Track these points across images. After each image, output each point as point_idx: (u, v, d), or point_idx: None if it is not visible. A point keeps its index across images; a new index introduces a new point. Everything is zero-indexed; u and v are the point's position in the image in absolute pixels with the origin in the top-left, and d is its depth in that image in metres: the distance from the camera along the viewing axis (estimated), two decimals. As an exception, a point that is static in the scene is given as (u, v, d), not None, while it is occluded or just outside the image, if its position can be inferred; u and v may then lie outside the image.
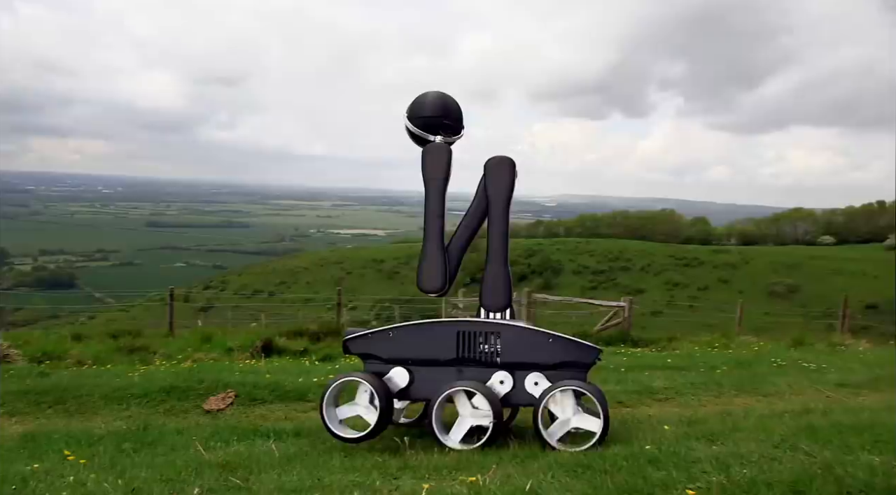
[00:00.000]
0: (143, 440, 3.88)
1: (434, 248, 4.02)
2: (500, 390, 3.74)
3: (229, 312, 40.29)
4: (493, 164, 4.08)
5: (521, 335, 3.80)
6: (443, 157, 4.08)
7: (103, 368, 6.95)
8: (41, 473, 3.03)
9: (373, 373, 3.79)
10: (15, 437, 3.91)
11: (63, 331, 17.14)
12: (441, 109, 4.09)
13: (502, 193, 4.06)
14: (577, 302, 21.09)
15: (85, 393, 4.92)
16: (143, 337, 13.76)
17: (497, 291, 4.03)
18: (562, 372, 3.71)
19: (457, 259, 4.17)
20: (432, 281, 4.02)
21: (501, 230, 4.14)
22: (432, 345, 3.77)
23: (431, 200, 4.07)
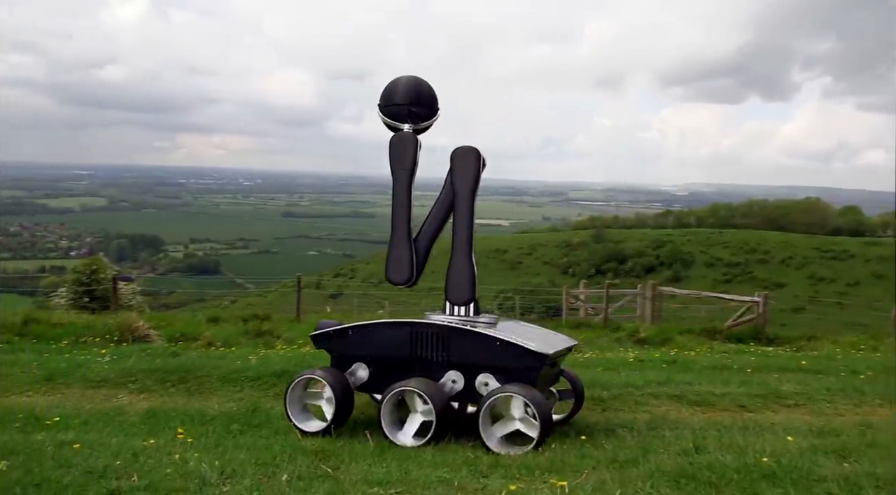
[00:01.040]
0: (251, 422, 4.02)
1: (401, 240, 4.00)
2: (452, 388, 3.72)
3: (355, 299, 41.74)
4: (458, 155, 4.00)
5: (470, 338, 3.69)
6: (409, 147, 4.02)
7: (228, 350, 7.34)
8: (152, 449, 3.20)
9: (337, 368, 3.84)
10: (140, 413, 4.18)
11: (203, 313, 18.40)
12: (410, 97, 4.00)
13: (467, 184, 3.98)
14: (706, 296, 19.99)
15: (205, 374, 5.20)
16: (271, 321, 14.48)
17: (461, 285, 3.97)
18: (511, 375, 3.60)
19: (425, 250, 4.09)
20: (400, 272, 4.03)
21: (466, 222, 4.02)
22: (387, 344, 3.80)
23: (398, 191, 4.04)
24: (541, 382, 3.78)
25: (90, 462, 2.89)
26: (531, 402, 3.40)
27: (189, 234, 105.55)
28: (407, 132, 4.05)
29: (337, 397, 3.72)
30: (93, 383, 5.04)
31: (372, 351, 3.89)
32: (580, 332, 13.99)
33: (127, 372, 5.29)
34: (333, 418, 3.73)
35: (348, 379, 3.86)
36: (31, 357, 5.94)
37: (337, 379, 3.78)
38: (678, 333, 14.65)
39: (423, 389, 3.55)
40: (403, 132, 4.05)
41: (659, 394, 4.94)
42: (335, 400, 3.72)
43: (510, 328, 3.99)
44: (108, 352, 6.58)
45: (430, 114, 4.11)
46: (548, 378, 3.97)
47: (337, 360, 3.98)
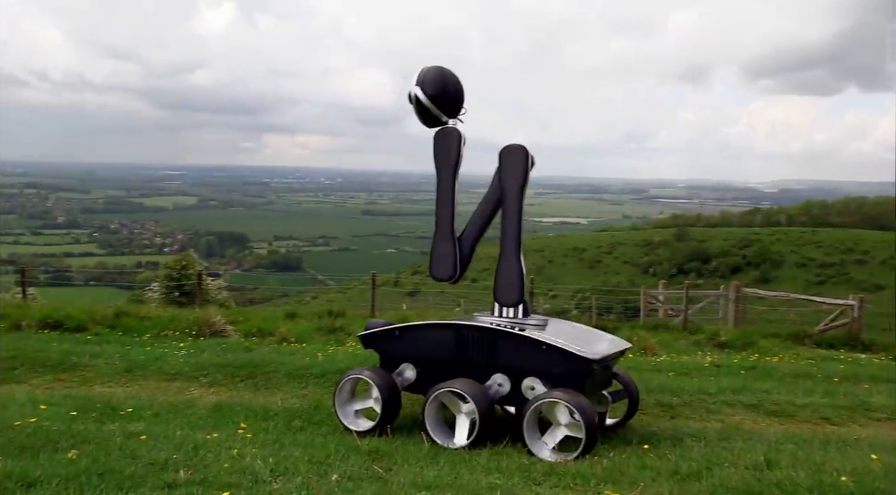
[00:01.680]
0: (312, 419, 4.07)
1: (445, 236, 3.92)
2: (497, 391, 3.64)
3: (431, 298, 41.89)
4: (505, 153, 3.88)
5: (515, 341, 3.60)
6: (454, 143, 3.93)
7: (299, 347, 7.49)
8: (213, 443, 3.28)
9: (385, 368, 3.82)
10: (207, 406, 4.31)
11: (282, 309, 18.94)
12: (446, 89, 3.90)
13: (516, 183, 3.87)
14: (795, 298, 19.02)
15: (272, 370, 5.32)
16: (344, 318, 14.73)
17: (510, 286, 3.86)
18: (558, 379, 3.50)
19: (470, 247, 3.99)
20: (444, 269, 3.94)
21: (515, 221, 3.90)
22: (434, 345, 3.77)
23: (442, 187, 3.98)
24: (590, 386, 3.67)
25: (153, 454, 2.99)
26: (576, 408, 3.29)
27: (273, 232, 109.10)
28: (450, 127, 4.02)
29: (384, 397, 3.71)
30: (168, 376, 5.24)
31: (419, 352, 3.87)
32: (656, 334, 13.59)
33: (200, 366, 5.47)
34: (381, 418, 3.73)
35: (396, 379, 3.85)
36: (116, 349, 6.24)
37: (384, 379, 3.77)
38: (762, 337, 14.02)
39: (465, 391, 3.50)
40: (448, 127, 4.02)
41: (733, 403, 4.70)
42: (382, 400, 3.71)
43: (559, 330, 3.88)
44: (186, 346, 6.84)
45: (461, 104, 4.08)
46: (599, 381, 3.85)
47: (385, 361, 3.98)
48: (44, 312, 10.45)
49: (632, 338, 11.66)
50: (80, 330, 9.51)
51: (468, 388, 3.52)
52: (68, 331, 9.42)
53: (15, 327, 9.51)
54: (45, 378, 5.20)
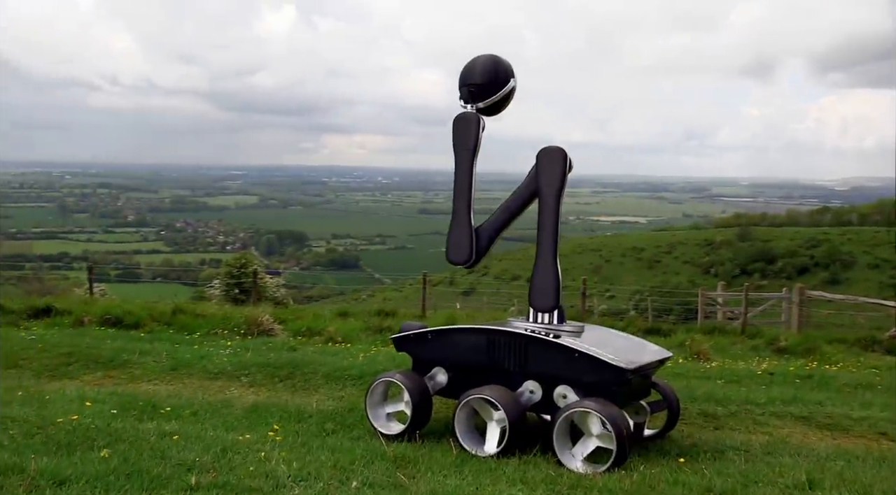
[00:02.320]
0: (345, 421, 4.08)
1: (462, 220, 3.87)
2: (529, 399, 3.56)
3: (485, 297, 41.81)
4: (543, 155, 3.78)
5: (547, 348, 3.50)
6: (472, 128, 3.89)
7: (344, 347, 7.55)
8: (243, 445, 3.31)
9: (417, 371, 3.82)
10: (245, 407, 4.37)
11: (335, 307, 19.17)
12: (468, 76, 3.90)
13: (553, 186, 3.76)
14: (864, 301, 18.20)
15: (311, 370, 5.36)
16: (394, 318, 14.82)
17: (545, 292, 3.75)
18: (591, 388, 3.39)
19: (488, 237, 3.93)
20: (459, 253, 3.89)
21: (552, 225, 3.78)
22: (466, 350, 3.72)
23: (460, 171, 3.96)
24: (626, 396, 3.55)
25: (183, 455, 3.03)
26: (608, 419, 3.18)
27: (331, 230, 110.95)
28: (469, 112, 3.99)
29: (414, 401, 3.68)
30: (211, 374, 5.34)
31: (451, 356, 3.83)
32: (712, 338, 13.21)
33: (242, 365, 5.56)
34: (411, 422, 3.70)
35: (427, 383, 3.81)
36: (165, 347, 6.41)
37: (415, 383, 3.74)
38: (826, 342, 13.47)
39: (496, 398, 3.43)
40: (466, 112, 4.00)
41: (783, 414, 4.49)
42: (412, 404, 3.68)
43: (595, 338, 3.77)
44: (233, 345, 6.98)
45: (493, 90, 4.03)
46: (636, 391, 3.73)
47: (417, 364, 3.96)
48: (105, 308, 10.85)
49: (685, 342, 11.34)
50: (138, 326, 9.84)
51: (499, 395, 3.46)
52: (126, 327, 9.76)
53: (78, 323, 9.91)
54: (97, 374, 5.38)
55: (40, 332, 7.54)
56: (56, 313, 11.50)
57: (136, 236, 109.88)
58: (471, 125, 3.98)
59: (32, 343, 6.23)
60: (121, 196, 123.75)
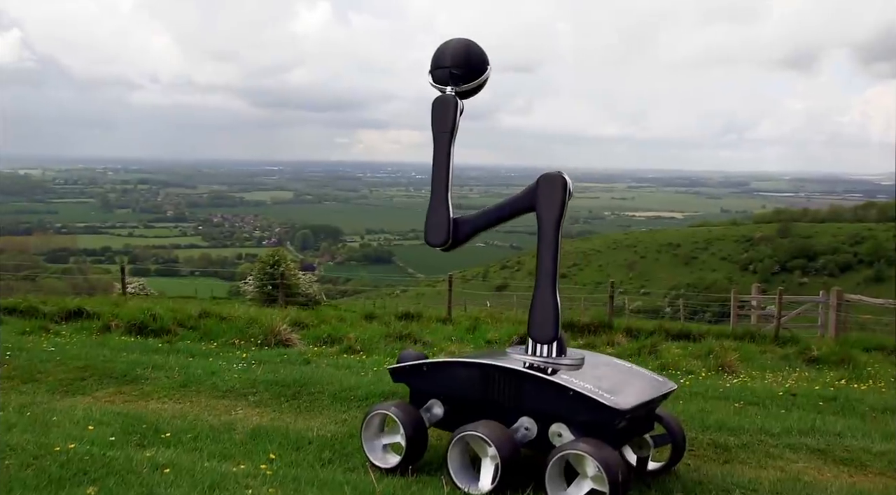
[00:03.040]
0: (343, 450, 4.03)
1: (440, 202, 3.84)
2: (524, 435, 3.46)
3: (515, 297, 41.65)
4: (543, 182, 3.68)
5: (541, 385, 3.40)
6: (450, 110, 3.89)
7: (359, 359, 7.53)
8: (232, 479, 3.29)
9: (414, 403, 3.79)
10: (246, 431, 4.35)
11: (361, 308, 19.25)
12: (453, 60, 3.87)
13: (553, 215, 3.67)
14: (906, 306, 17.62)
15: (318, 390, 5.33)
16: (418, 322, 14.81)
17: (544, 323, 3.66)
18: (586, 427, 3.29)
19: (469, 229, 3.95)
20: (437, 235, 3.86)
21: (551, 254, 3.68)
22: (461, 384, 3.66)
23: (438, 153, 3.94)
24: (624, 434, 3.44)
25: (170, 491, 3.03)
26: (601, 463, 3.07)
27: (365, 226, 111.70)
28: (448, 94, 3.97)
29: (408, 434, 3.62)
30: (220, 393, 5.35)
31: (446, 389, 3.76)
32: (743, 344, 12.93)
33: (251, 383, 5.57)
34: (405, 456, 3.65)
35: (423, 415, 3.75)
36: (179, 361, 6.46)
37: (409, 415, 3.68)
38: (862, 350, 13.09)
39: (489, 435, 3.34)
40: (445, 94, 3.98)
41: (798, 446, 4.31)
42: (406, 437, 3.62)
43: (595, 372, 3.65)
44: (248, 357, 7.01)
45: (474, 76, 4.03)
46: (637, 426, 3.61)
47: (414, 395, 3.90)
48: (133, 313, 11.02)
49: (713, 350, 11.08)
50: (163, 333, 9.97)
51: (492, 432, 3.37)
52: (151, 333, 9.90)
53: (105, 329, 10.08)
54: (109, 390, 5.43)
55: (63, 342, 7.67)
56: (86, 316, 11.74)
57: (174, 231, 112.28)
58: (450, 108, 3.99)
59: (51, 355, 6.34)
60: (160, 191, 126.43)
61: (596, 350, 10.42)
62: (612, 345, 10.94)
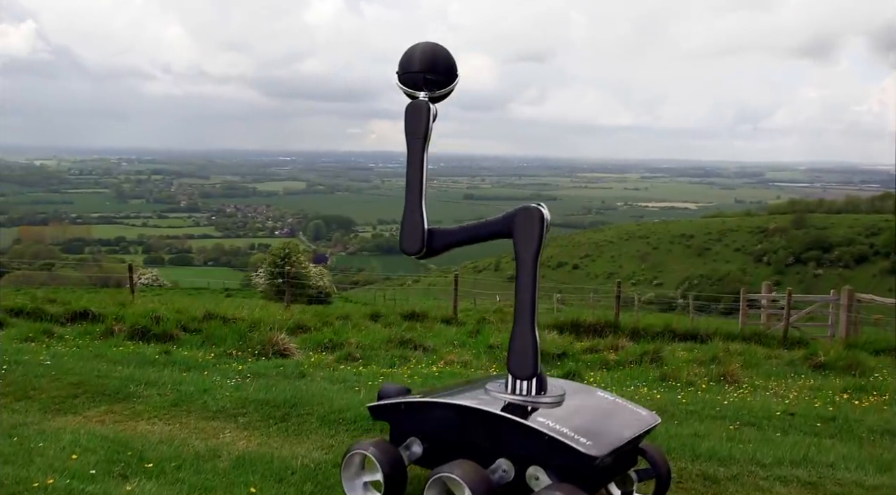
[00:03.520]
0: (326, 482, 3.99)
1: (413, 209, 3.79)
2: (502, 478, 3.40)
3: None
4: (522, 214, 3.59)
5: (516, 428, 3.34)
6: (423, 116, 3.82)
7: (353, 370, 7.51)
8: (209, 520, 3.27)
9: (394, 439, 3.77)
10: (231, 459, 4.32)
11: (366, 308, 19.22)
12: (426, 64, 3.79)
13: (530, 250, 3.60)
14: (919, 305, 17.43)
15: (307, 411, 5.30)
16: (423, 323, 14.76)
17: (524, 359, 3.61)
18: (562, 471, 3.22)
19: (443, 242, 3.88)
20: (411, 243, 3.84)
21: (530, 290, 3.60)
22: (438, 424, 3.62)
23: (411, 159, 3.88)
24: (603, 476, 3.39)
25: (142, 536, 3.01)
26: None
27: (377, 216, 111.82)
28: (421, 100, 3.91)
29: (385, 473, 3.57)
30: (210, 413, 5.34)
31: (424, 429, 3.71)
32: (749, 347, 12.83)
33: (242, 402, 5.55)
34: (385, 492, 3.61)
35: (403, 453, 3.70)
36: (172, 376, 6.46)
37: (387, 454, 3.63)
38: (870, 354, 12.96)
39: (464, 478, 3.28)
40: (418, 100, 3.92)
41: (789, 479, 4.22)
42: (383, 476, 3.58)
43: (575, 410, 3.58)
44: (243, 370, 7.01)
45: (447, 81, 3.98)
46: (621, 461, 3.55)
47: (394, 432, 3.85)
48: (137, 316, 11.06)
49: (718, 354, 10.96)
50: (165, 338, 10.00)
51: (467, 474, 3.32)
52: (153, 339, 9.94)
53: (108, 333, 10.12)
54: (100, 409, 5.44)
55: (62, 351, 7.71)
56: (92, 318, 11.81)
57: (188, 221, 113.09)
58: (423, 113, 3.94)
59: (47, 370, 6.36)
60: (174, 182, 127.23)
61: (600, 354, 10.35)
62: (615, 350, 10.85)
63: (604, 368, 9.41)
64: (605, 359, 9.85)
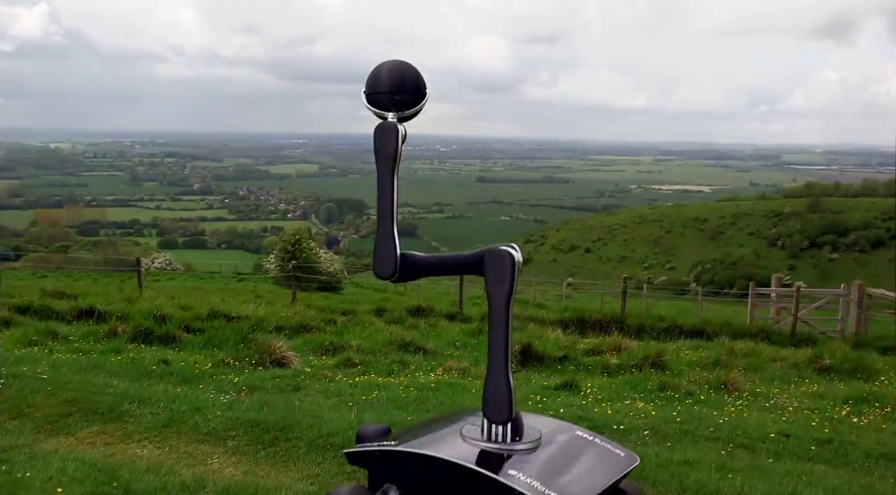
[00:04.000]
0: (306, 519, 4.01)
1: (386, 232, 3.68)
2: None
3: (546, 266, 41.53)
4: (491, 257, 3.47)
5: (484, 481, 3.25)
6: (391, 138, 3.71)
7: (351, 381, 7.50)
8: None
9: (372, 484, 3.60)
10: (217, 490, 4.34)
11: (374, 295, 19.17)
12: (393, 85, 3.64)
13: (502, 294, 3.45)
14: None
15: (296, 435, 5.28)
16: (427, 318, 14.74)
17: (499, 404, 3.52)
18: None
19: (415, 269, 3.76)
20: (385, 267, 3.74)
21: (502, 335, 3.48)
22: (411, 473, 3.42)
23: (381, 181, 3.75)
24: None
25: None
26: None
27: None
28: (390, 121, 3.80)
29: None
30: (200, 435, 5.35)
31: (400, 476, 3.69)
32: (756, 346, 12.75)
33: (232, 423, 5.56)
34: None
35: None
36: (166, 391, 6.48)
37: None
38: (879, 353, 12.84)
39: None
40: (387, 121, 3.81)
41: (776, 517, 4.18)
42: None
43: (548, 458, 3.53)
44: (239, 382, 7.03)
45: (416, 101, 3.85)
46: None
47: (371, 477, 3.82)
48: (142, 314, 11.11)
49: (721, 358, 10.87)
50: (168, 340, 10.05)
51: None
52: (157, 341, 9.99)
53: (111, 334, 10.19)
54: (93, 429, 5.47)
55: (62, 360, 7.77)
56: (97, 316, 11.89)
57: (201, 204, 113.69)
58: (391, 136, 3.82)
59: (43, 385, 6.40)
60: (187, 164, 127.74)
61: (602, 357, 10.29)
62: (618, 352, 10.80)
63: (604, 373, 9.35)
64: (606, 362, 9.79)
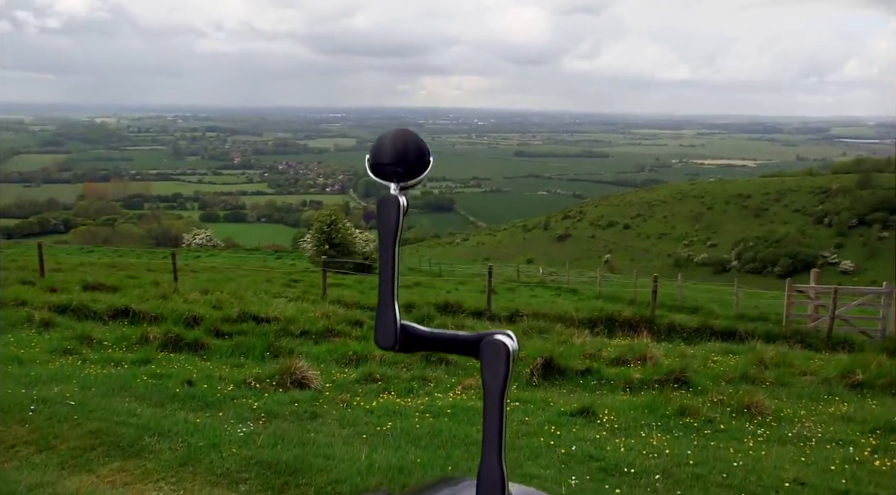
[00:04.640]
0: (308, 583, 4.11)
1: (386, 303, 3.60)
2: None
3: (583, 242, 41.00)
4: (487, 347, 3.38)
5: None
6: (393, 211, 3.61)
7: (368, 407, 7.59)
8: None
9: None
10: (224, 544, 4.48)
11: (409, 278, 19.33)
12: (394, 155, 3.51)
13: (497, 385, 3.36)
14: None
15: (305, 481, 5.37)
16: (455, 317, 14.78)
17: (492, 489, 3.45)
18: None
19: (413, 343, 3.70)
20: (386, 338, 3.67)
21: (497, 424, 3.40)
22: None
23: (383, 253, 3.67)
24: None
25: None
26: None
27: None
28: (392, 194, 3.77)
29: None
30: (214, 477, 5.48)
31: None
32: (788, 354, 12.50)
33: (247, 462, 5.68)
34: None
35: None
36: (187, 420, 6.65)
37: None
38: (916, 367, 12.43)
39: None
40: (389, 195, 3.78)
41: None
42: None
43: None
44: (258, 408, 7.17)
45: (418, 171, 3.79)
46: None
47: None
48: (176, 316, 11.39)
49: (748, 371, 10.68)
50: (196, 348, 10.29)
51: None
52: (186, 348, 10.23)
53: (143, 339, 10.47)
54: (113, 467, 5.65)
55: (92, 377, 8.01)
56: (132, 316, 12.24)
57: (241, 178, 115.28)
58: (393, 209, 3.80)
59: (70, 413, 6.63)
60: (228, 139, 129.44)
61: (626, 369, 10.21)
62: (643, 363, 10.68)
63: (627, 389, 9.29)
64: (629, 376, 9.70)
